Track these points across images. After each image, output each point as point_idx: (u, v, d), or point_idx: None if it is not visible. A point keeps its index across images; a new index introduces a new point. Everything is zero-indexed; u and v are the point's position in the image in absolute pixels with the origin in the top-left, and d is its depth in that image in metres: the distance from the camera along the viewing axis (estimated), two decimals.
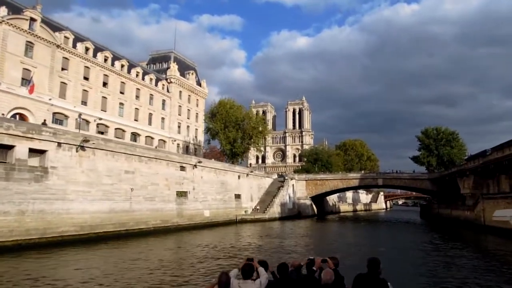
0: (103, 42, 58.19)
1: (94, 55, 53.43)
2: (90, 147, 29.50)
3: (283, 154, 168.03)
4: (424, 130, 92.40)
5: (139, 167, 34.46)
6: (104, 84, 54.91)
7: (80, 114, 42.32)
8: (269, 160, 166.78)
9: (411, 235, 41.67)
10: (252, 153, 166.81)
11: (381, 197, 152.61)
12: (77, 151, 28.31)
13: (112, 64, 56.45)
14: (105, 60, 55.40)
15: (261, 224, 50.00)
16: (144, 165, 35.22)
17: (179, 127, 71.09)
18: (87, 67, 51.97)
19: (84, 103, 51.29)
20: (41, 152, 26.02)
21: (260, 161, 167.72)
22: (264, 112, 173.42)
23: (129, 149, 33.60)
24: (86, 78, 51.76)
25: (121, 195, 31.84)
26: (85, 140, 28.62)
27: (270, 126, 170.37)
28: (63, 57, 48.48)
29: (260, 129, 65.26)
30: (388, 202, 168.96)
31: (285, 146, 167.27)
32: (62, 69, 48.33)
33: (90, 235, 27.63)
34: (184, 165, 41.49)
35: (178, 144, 69.74)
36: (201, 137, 76.57)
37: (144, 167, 35.14)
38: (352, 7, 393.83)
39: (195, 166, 43.30)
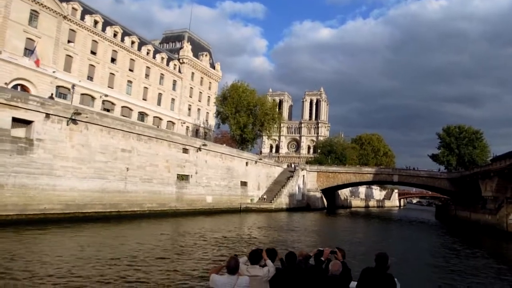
0: (114, 17, 56.24)
1: (103, 29, 51.39)
2: (83, 121, 27.46)
3: (297, 144, 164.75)
4: (446, 128, 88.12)
5: (137, 146, 32.37)
6: (113, 60, 52.95)
7: (73, 85, 40.40)
8: (283, 150, 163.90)
9: (427, 237, 38.59)
10: (267, 142, 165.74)
11: (395, 195, 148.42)
12: (67, 124, 26.29)
13: (122, 40, 54.37)
14: (115, 35, 53.34)
15: (266, 215, 47.66)
16: (143, 144, 33.11)
17: (189, 109, 68.95)
18: (95, 41, 49.99)
19: (90, 78, 49.48)
20: (27, 122, 24.08)
21: (274, 150, 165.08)
22: (280, 101, 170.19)
23: (127, 126, 31.46)
24: (93, 53, 49.84)
25: (115, 174, 29.84)
26: (77, 112, 26.55)
27: (286, 116, 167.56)
28: (70, 29, 46.54)
29: (273, 116, 62.37)
30: (402, 200, 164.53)
31: (300, 136, 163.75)
32: (68, 41, 46.46)
33: (76, 215, 25.77)
34: (187, 147, 39.28)
35: (187, 127, 67.69)
36: (212, 121, 74.16)
37: (142, 147, 33.04)
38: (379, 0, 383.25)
39: (199, 149, 41.07)
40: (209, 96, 73.91)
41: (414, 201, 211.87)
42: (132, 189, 31.35)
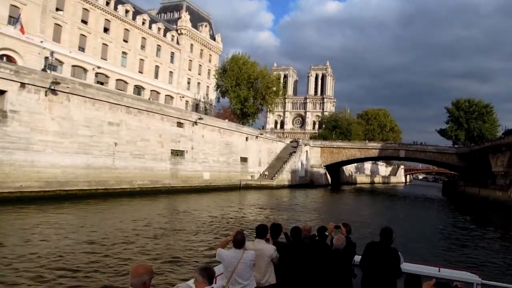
0: None
1: None
2: (64, 92, 25.31)
3: (302, 120, 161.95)
4: (455, 101, 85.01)
5: (126, 119, 30.28)
6: (106, 30, 50.23)
7: (52, 52, 37.75)
8: (288, 126, 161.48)
9: (435, 216, 36.49)
10: (271, 118, 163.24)
11: (401, 171, 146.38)
12: (46, 95, 24.16)
13: (115, 9, 51.47)
14: (107, 3, 50.40)
15: (267, 192, 45.92)
16: (133, 117, 31.01)
17: (188, 83, 66.42)
18: (85, 9, 47.19)
19: (81, 49, 47.00)
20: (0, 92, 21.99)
21: (278, 126, 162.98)
22: (285, 76, 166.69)
23: (113, 97, 29.26)
24: (84, 22, 47.15)
25: (101, 149, 27.91)
26: (55, 82, 24.36)
27: (291, 91, 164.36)
28: None
29: (275, 89, 59.64)
30: (408, 176, 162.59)
31: (305, 112, 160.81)
32: (57, 9, 43.75)
33: (58, 193, 24.00)
34: (182, 121, 37.14)
35: (186, 101, 65.39)
36: (213, 96, 71.64)
37: (132, 120, 30.96)
38: None
39: (195, 123, 38.94)
40: (209, 69, 71.07)
41: (420, 177, 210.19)
42: (121, 165, 29.48)
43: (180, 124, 36.84)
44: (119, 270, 10.67)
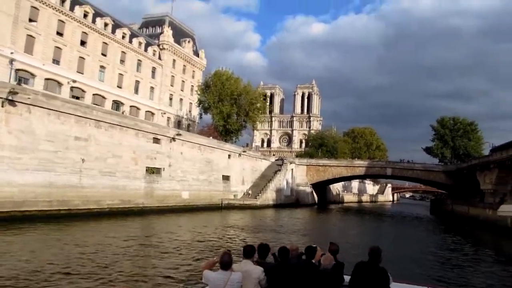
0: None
1: (72, 9, 46.73)
2: (24, 103, 23.14)
3: (289, 139, 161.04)
4: (440, 119, 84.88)
5: (95, 134, 28.09)
6: (83, 43, 48.35)
7: (11, 60, 35.60)
8: (275, 144, 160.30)
9: (425, 236, 34.74)
10: (258, 136, 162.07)
11: (388, 189, 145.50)
12: (2, 106, 21.95)
13: (93, 21, 49.74)
14: (85, 15, 48.69)
15: (251, 212, 43.70)
16: (103, 132, 28.84)
17: (170, 99, 64.56)
18: (61, 21, 45.35)
19: (56, 61, 44.94)
20: None
21: (265, 144, 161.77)
22: (272, 94, 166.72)
23: (81, 110, 27.12)
24: (60, 34, 45.23)
25: (66, 166, 25.58)
26: (13, 92, 22.18)
27: (277, 110, 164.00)
28: (32, 7, 41.88)
29: (259, 105, 58.11)
30: (395, 194, 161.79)
31: (292, 130, 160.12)
32: (30, 20, 41.85)
33: (12, 214, 21.48)
34: (159, 137, 35.05)
35: (168, 117, 63.36)
36: (196, 112, 69.76)
37: (102, 135, 28.77)
38: None
39: (173, 139, 36.87)
40: (192, 86, 69.44)
41: (407, 195, 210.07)
42: (89, 184, 27.11)
43: (156, 140, 34.73)
44: None
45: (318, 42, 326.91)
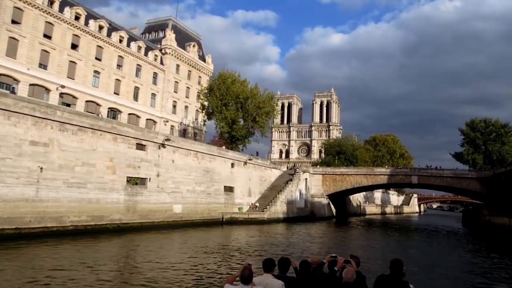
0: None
1: (61, 10, 43.56)
2: None
3: (308, 149, 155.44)
4: (470, 122, 77.51)
5: (59, 138, 23.82)
6: (74, 46, 45.00)
7: None
8: (293, 155, 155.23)
9: (464, 255, 28.37)
10: (276, 147, 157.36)
11: (414, 200, 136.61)
12: None
13: (86, 24, 46.44)
14: (77, 18, 45.45)
15: (257, 227, 38.49)
16: (70, 136, 24.56)
17: (174, 106, 60.58)
18: (49, 22, 42.17)
19: (43, 66, 41.66)
20: None
21: (284, 155, 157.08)
22: (290, 104, 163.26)
23: (41, 110, 22.90)
24: (47, 36, 42.01)
25: (19, 176, 21.30)
26: None
27: (295, 119, 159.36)
28: (15, 7, 38.82)
29: (267, 109, 53.13)
30: (422, 205, 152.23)
31: (311, 140, 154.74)
32: (13, 21, 38.77)
33: None
34: (144, 142, 30.60)
35: (172, 126, 59.29)
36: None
37: (69, 139, 24.48)
38: (391, 3, 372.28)
39: (162, 145, 32.35)
40: (198, 92, 65.30)
41: (434, 206, 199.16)
42: (50, 197, 22.73)
43: (141, 146, 30.28)
44: None
45: (338, 52, 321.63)
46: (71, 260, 16.53)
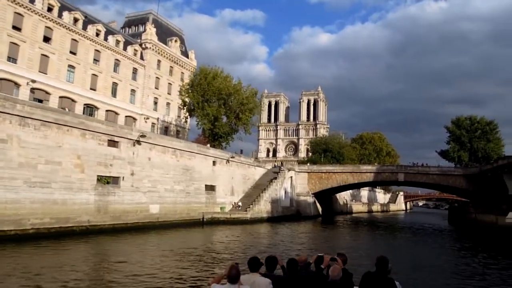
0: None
1: (32, 1, 41.24)
2: None
3: (295, 147, 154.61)
4: (456, 120, 77.36)
5: (19, 134, 21.90)
6: (47, 39, 42.74)
7: None
8: (281, 153, 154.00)
9: (453, 256, 27.23)
10: (263, 146, 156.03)
11: (400, 197, 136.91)
12: None
13: (60, 16, 44.22)
14: (50, 9, 43.21)
15: (239, 227, 37.00)
16: (32, 131, 22.64)
17: (155, 103, 58.61)
18: (19, 13, 39.83)
19: (12, 59, 39.34)
20: None
21: (271, 154, 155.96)
22: (277, 103, 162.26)
23: None
24: (17, 28, 39.69)
25: None
26: None
27: (282, 118, 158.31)
28: None
29: (251, 106, 51.58)
30: (408, 203, 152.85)
31: (298, 139, 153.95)
32: None
33: None
34: (116, 139, 28.78)
35: (153, 123, 57.33)
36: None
37: (31, 135, 22.56)
38: (378, 3, 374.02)
39: (137, 142, 30.56)
40: (180, 88, 63.40)
41: (420, 203, 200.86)
42: (7, 198, 20.82)
43: (113, 143, 28.45)
44: None
45: (325, 52, 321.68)
46: (15, 268, 14.74)
